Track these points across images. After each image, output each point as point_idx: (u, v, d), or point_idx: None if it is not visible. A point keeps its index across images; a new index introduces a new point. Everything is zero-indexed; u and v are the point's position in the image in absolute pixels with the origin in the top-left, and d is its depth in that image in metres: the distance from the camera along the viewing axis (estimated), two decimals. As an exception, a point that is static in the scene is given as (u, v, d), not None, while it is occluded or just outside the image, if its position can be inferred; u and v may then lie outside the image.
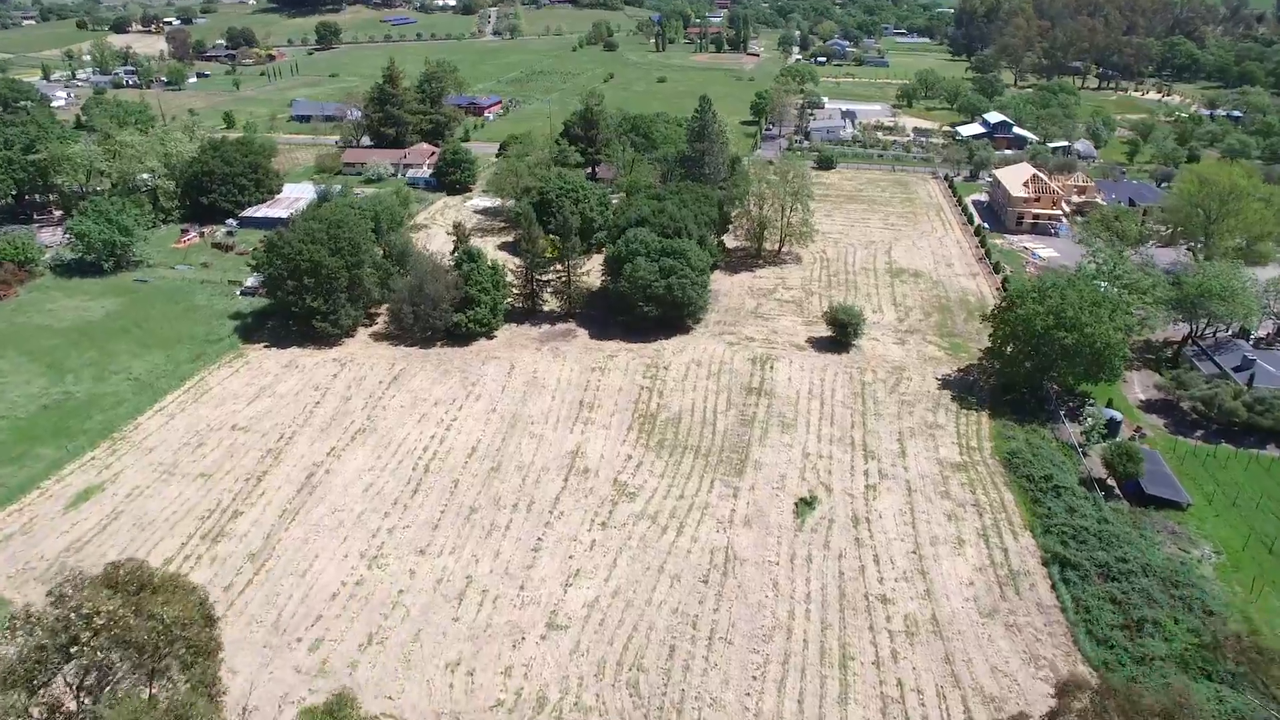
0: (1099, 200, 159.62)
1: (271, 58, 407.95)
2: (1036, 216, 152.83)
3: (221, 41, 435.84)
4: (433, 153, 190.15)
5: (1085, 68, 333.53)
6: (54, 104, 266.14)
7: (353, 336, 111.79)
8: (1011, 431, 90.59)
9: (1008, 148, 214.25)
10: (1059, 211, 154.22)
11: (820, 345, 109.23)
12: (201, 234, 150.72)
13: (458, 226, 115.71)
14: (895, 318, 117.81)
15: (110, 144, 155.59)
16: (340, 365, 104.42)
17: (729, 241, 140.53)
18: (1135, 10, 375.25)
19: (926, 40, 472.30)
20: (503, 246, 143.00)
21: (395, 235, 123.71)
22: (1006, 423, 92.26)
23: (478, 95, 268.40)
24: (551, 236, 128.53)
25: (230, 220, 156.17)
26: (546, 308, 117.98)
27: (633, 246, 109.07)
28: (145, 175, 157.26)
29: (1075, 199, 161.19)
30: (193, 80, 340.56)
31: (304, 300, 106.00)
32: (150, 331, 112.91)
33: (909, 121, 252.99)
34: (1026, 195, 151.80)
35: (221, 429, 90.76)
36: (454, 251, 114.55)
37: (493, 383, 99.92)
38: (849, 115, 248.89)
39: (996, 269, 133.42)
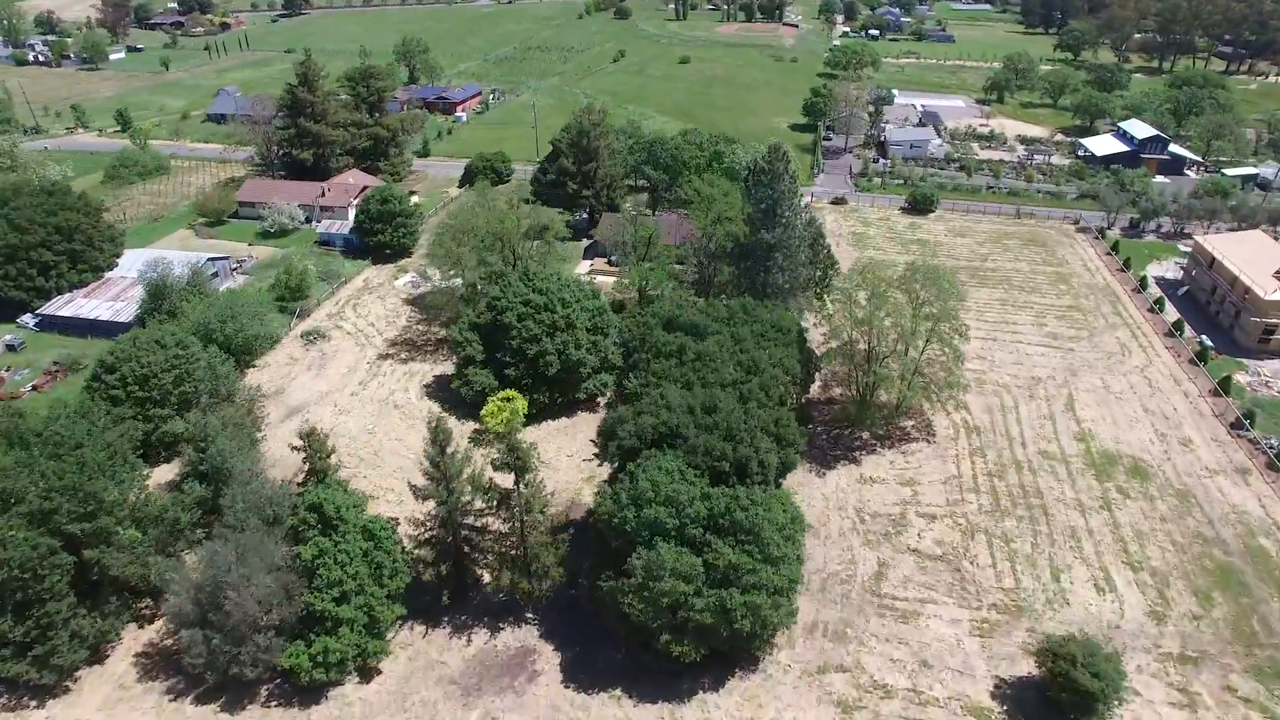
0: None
1: (226, 26, 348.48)
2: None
3: (174, 5, 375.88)
4: (364, 187, 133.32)
5: (1206, 45, 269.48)
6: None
7: (101, 663, 57.39)
8: None
9: (1158, 173, 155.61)
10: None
11: (1023, 708, 53.93)
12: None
13: (310, 437, 58.71)
14: (1144, 608, 61.73)
15: None
16: (40, 772, 50.35)
17: (810, 389, 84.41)
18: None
19: (988, 7, 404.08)
20: (438, 384, 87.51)
21: (226, 417, 68.25)
22: None
23: (450, 86, 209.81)
24: (505, 396, 74.66)
25: (26, 317, 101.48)
26: (486, 584, 62.42)
27: (647, 516, 52.73)
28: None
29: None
30: (119, 55, 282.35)
31: (-28, 627, 51.67)
32: None
33: (1008, 125, 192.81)
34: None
35: None
36: (303, 484, 59.00)
37: None
38: (931, 117, 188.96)
39: None
